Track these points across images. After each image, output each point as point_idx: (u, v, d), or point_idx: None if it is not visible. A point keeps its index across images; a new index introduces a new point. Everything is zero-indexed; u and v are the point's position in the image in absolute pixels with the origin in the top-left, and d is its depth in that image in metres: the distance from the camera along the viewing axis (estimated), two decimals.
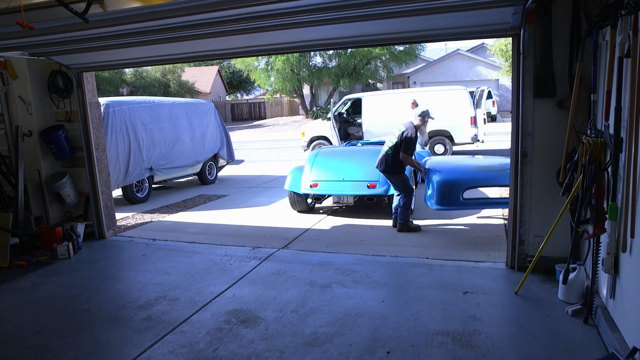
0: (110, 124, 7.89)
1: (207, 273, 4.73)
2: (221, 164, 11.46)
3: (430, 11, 3.81)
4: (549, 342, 3.10)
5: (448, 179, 5.01)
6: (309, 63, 29.22)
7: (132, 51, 5.22)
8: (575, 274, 3.59)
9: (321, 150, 7.70)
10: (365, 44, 5.64)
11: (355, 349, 3.11)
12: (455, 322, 3.44)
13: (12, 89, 5.81)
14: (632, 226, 2.66)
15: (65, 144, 5.90)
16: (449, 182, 4.96)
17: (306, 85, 31.04)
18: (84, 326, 3.65)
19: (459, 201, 5.00)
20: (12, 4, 3.47)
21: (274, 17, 4.00)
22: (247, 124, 34.20)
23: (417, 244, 5.45)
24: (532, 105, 4.11)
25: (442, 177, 5.15)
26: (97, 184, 6.15)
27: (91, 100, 6.05)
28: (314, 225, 6.52)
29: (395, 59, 27.56)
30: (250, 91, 48.42)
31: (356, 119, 14.63)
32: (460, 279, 4.28)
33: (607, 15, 2.92)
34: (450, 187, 4.95)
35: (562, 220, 3.67)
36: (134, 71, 31.76)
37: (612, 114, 2.91)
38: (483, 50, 31.72)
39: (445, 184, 4.99)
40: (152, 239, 6.13)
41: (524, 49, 4.02)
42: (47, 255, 5.48)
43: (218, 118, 11.04)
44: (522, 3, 3.58)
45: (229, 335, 3.39)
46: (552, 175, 4.06)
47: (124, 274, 4.96)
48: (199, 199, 9.03)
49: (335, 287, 4.21)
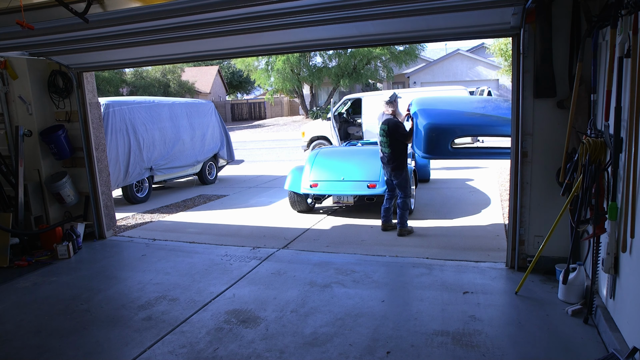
0: (110, 124, 7.90)
1: (207, 273, 4.73)
2: (221, 164, 11.46)
3: (430, 11, 3.81)
4: (549, 342, 3.10)
5: (436, 125, 4.56)
6: (309, 63, 29.22)
7: (132, 51, 5.22)
8: (575, 274, 3.59)
9: (321, 150, 7.70)
10: (365, 44, 5.64)
11: (355, 349, 3.11)
12: (455, 322, 3.44)
13: (12, 89, 5.81)
14: (632, 226, 2.67)
15: (65, 144, 5.90)
16: (438, 129, 4.52)
17: (306, 85, 31.04)
18: (84, 326, 3.65)
19: (448, 150, 4.61)
20: (12, 4, 3.47)
21: (274, 17, 4.00)
22: (247, 124, 34.20)
23: (417, 244, 5.45)
24: (532, 105, 4.11)
25: (430, 122, 4.66)
26: (97, 184, 6.15)
27: (91, 100, 6.05)
28: (314, 225, 6.52)
29: (395, 59, 27.56)
30: (250, 91, 48.41)
31: (356, 119, 14.62)
32: (460, 279, 4.28)
33: (607, 15, 2.92)
34: (438, 134, 4.50)
35: (562, 220, 3.67)
36: (134, 71, 31.75)
37: (612, 114, 2.91)
38: (483, 50, 31.70)
39: (433, 130, 4.54)
40: (152, 239, 6.13)
41: (524, 49, 4.02)
42: (47, 255, 5.49)
43: (218, 118, 11.04)
44: (522, 3, 3.58)
45: (229, 335, 3.39)
46: (552, 175, 4.06)
47: (124, 274, 4.96)
48: (199, 199, 9.03)
49: (335, 287, 4.21)
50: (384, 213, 6.06)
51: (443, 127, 4.50)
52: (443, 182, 9.19)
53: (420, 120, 4.76)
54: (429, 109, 5.07)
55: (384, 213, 6.06)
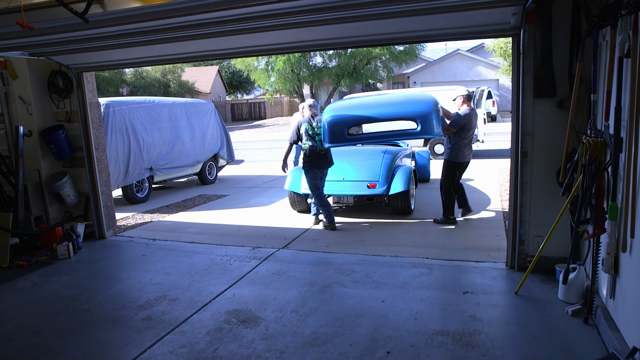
0: (110, 124, 7.89)
1: (207, 273, 4.73)
2: (221, 164, 11.46)
3: (430, 11, 3.81)
4: (548, 342, 3.10)
5: (334, 120, 5.62)
6: (309, 63, 29.21)
7: (132, 51, 5.22)
8: (575, 274, 3.59)
9: None
10: (365, 44, 5.64)
11: (355, 349, 3.11)
12: (455, 322, 3.44)
13: (12, 89, 5.81)
14: (632, 226, 2.67)
15: (65, 144, 5.90)
16: (335, 122, 5.56)
17: (306, 85, 31.02)
18: (84, 326, 3.65)
19: (345, 138, 5.56)
20: (12, 4, 3.47)
21: (274, 17, 4.00)
22: (247, 124, 34.21)
23: (417, 244, 5.45)
24: (532, 105, 4.11)
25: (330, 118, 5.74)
26: (97, 184, 6.15)
27: (91, 100, 6.05)
28: (314, 225, 6.52)
29: (395, 59, 27.54)
30: (250, 91, 48.42)
31: None
32: (460, 279, 4.29)
33: (607, 15, 2.92)
34: (335, 126, 5.51)
35: (562, 220, 3.67)
36: (134, 71, 31.75)
37: (612, 114, 2.91)
38: (483, 50, 31.73)
39: (331, 124, 5.57)
40: (152, 239, 6.13)
41: (524, 49, 4.02)
42: (47, 255, 5.49)
43: (218, 118, 11.04)
44: (522, 3, 3.58)
45: (229, 335, 3.40)
46: (552, 175, 4.06)
47: (124, 274, 4.96)
48: (199, 199, 9.03)
49: (335, 287, 4.21)
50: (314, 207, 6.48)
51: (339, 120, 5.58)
52: None
53: (324, 119, 5.85)
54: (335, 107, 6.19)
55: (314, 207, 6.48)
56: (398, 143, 8.18)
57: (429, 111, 5.48)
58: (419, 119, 5.44)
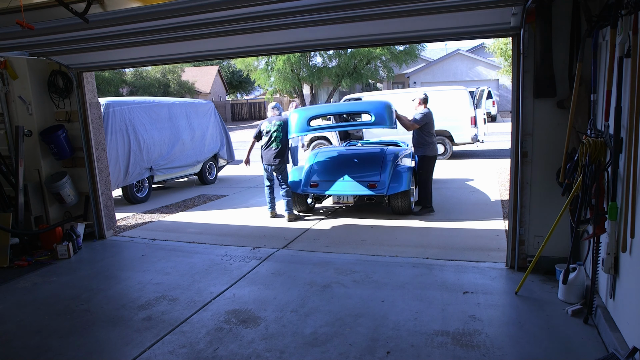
0: (110, 124, 7.89)
1: (207, 273, 4.73)
2: (221, 164, 11.46)
3: (430, 11, 3.81)
4: (549, 342, 3.10)
5: (297, 113, 6.80)
6: (309, 63, 29.21)
7: (132, 51, 5.22)
8: (575, 274, 3.59)
9: (321, 150, 7.71)
10: (365, 44, 5.64)
11: (355, 349, 3.11)
12: (455, 322, 3.44)
13: (12, 89, 5.81)
14: (632, 226, 2.66)
15: (65, 144, 5.90)
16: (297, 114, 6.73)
17: (306, 85, 31.03)
18: (84, 326, 3.65)
19: (307, 127, 6.66)
20: (12, 4, 3.47)
21: (274, 17, 4.00)
22: (247, 124, 34.19)
23: (417, 244, 5.45)
24: (532, 105, 4.11)
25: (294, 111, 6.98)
26: (97, 184, 6.15)
27: (91, 100, 6.05)
28: (314, 225, 6.52)
29: (395, 59, 27.54)
30: (250, 91, 48.42)
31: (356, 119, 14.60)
32: (460, 279, 4.28)
33: (607, 15, 2.92)
34: (298, 117, 6.67)
35: (562, 220, 3.67)
36: (134, 71, 31.74)
37: (612, 114, 2.91)
38: (483, 50, 31.71)
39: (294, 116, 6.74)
40: (152, 239, 6.13)
41: (524, 49, 4.02)
42: (47, 255, 5.49)
43: (218, 118, 11.04)
44: (522, 3, 3.58)
45: (229, 335, 3.40)
46: (552, 175, 4.06)
47: (124, 274, 4.97)
48: (199, 199, 9.03)
49: (335, 287, 4.21)
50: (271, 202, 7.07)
51: (301, 113, 6.73)
52: (443, 182, 9.18)
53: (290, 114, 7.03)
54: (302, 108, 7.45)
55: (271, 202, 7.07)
56: (398, 143, 8.18)
57: (382, 106, 6.51)
58: (372, 111, 6.49)
